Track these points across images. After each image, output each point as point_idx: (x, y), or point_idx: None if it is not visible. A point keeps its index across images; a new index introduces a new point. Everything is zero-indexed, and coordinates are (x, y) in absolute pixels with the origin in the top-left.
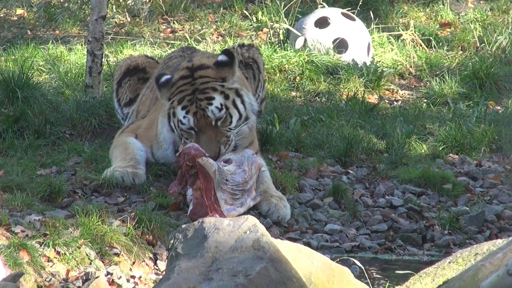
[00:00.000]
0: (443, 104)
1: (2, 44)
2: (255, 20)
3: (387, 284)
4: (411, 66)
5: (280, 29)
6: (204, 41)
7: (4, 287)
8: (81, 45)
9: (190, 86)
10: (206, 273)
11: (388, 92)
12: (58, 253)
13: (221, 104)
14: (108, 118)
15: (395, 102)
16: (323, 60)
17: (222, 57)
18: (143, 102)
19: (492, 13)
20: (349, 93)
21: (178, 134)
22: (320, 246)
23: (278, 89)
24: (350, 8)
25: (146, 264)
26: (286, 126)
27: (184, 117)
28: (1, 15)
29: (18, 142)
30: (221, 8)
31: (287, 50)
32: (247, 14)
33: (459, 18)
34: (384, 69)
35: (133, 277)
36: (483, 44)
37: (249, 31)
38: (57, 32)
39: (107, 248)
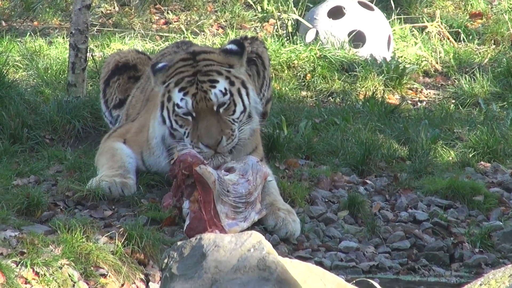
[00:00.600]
0: (474, 105)
1: None
2: (260, 10)
3: None
4: (437, 62)
5: (288, 20)
6: (202, 33)
7: None
8: (63, 38)
9: (191, 68)
10: None
11: (411, 91)
12: (37, 274)
13: (225, 89)
14: (94, 120)
15: (419, 103)
16: (337, 55)
17: (231, 46)
18: (133, 105)
19: None
20: (367, 93)
21: (169, 125)
22: (334, 266)
23: (286, 88)
24: None
25: (137, 286)
26: (295, 130)
27: (182, 99)
28: None
29: None
30: None
31: (297, 44)
32: (251, 3)
33: (491, 7)
34: (406, 66)
35: None
36: None
37: (253, 22)
38: (35, 23)
39: (92, 268)
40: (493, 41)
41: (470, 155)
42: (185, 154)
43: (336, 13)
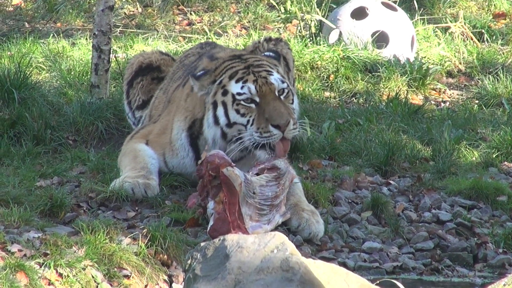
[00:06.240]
0: (497, 106)
1: None
2: (283, 11)
3: None
4: (460, 63)
5: (311, 20)
6: (225, 34)
7: None
8: (86, 39)
9: (241, 63)
10: None
11: (434, 92)
12: (60, 275)
13: (282, 76)
14: (117, 122)
15: (442, 104)
16: (360, 56)
17: (268, 53)
18: (156, 106)
19: None
20: (390, 93)
21: (225, 122)
22: (357, 266)
23: (310, 89)
24: None
25: (160, 287)
26: (318, 130)
27: (242, 87)
28: None
29: (15, 149)
30: None
31: (320, 45)
32: (274, 3)
33: None
34: (430, 66)
35: None
36: None
37: (276, 23)
38: (58, 24)
39: (115, 269)
40: None
41: (494, 156)
42: (213, 155)
43: (360, 13)
